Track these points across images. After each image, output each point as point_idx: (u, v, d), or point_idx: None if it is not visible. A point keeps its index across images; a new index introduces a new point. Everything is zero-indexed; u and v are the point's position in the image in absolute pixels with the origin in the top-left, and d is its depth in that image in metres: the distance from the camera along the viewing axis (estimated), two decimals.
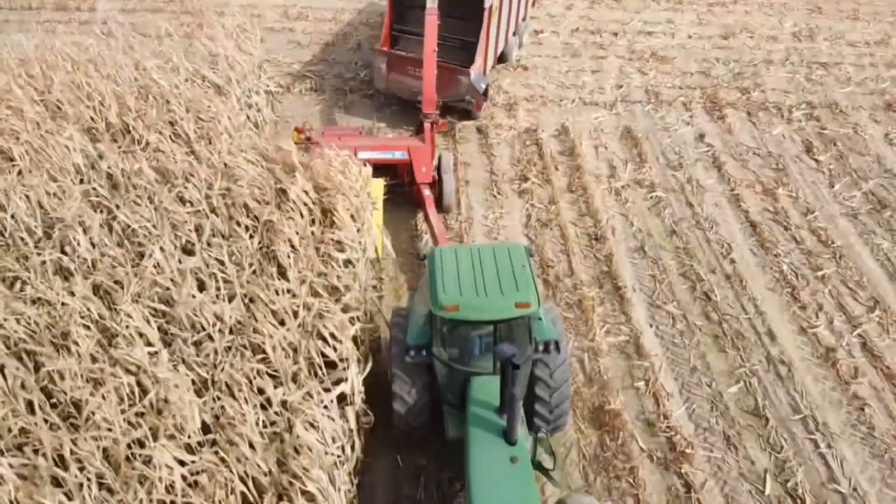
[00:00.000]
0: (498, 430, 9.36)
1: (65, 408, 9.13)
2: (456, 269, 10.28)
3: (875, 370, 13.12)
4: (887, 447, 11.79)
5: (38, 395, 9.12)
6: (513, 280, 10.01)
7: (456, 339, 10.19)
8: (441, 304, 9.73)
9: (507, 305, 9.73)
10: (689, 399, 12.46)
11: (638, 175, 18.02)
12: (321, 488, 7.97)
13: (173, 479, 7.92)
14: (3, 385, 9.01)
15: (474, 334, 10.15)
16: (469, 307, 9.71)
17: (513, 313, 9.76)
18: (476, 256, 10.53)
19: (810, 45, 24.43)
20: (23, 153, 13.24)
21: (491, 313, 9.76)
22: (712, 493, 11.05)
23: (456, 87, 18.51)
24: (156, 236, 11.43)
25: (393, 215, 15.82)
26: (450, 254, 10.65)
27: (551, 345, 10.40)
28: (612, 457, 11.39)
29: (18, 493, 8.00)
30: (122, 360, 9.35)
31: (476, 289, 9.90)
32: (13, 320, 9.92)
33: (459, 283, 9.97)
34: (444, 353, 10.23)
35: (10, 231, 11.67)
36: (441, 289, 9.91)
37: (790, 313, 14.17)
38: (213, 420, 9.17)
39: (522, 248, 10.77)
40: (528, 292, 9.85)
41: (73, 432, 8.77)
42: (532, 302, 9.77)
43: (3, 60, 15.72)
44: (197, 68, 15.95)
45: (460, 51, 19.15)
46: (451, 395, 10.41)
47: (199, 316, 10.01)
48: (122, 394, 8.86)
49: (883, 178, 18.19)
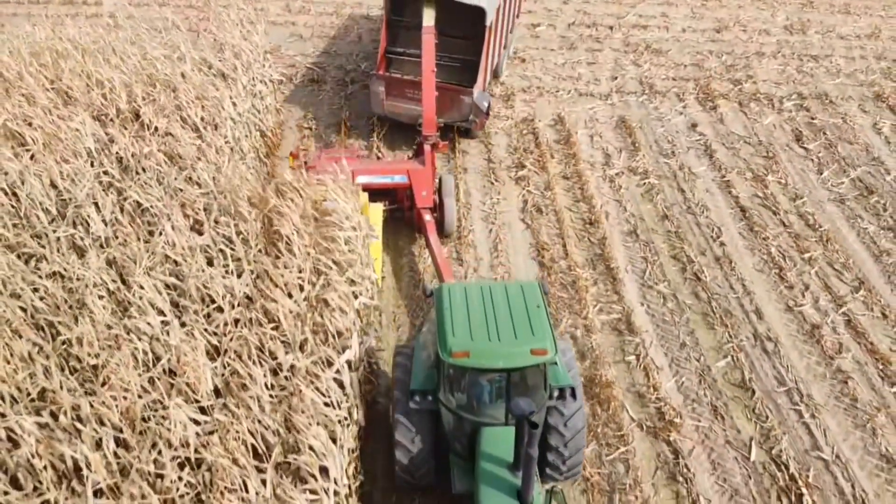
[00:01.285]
0: (510, 487, 8.69)
1: (82, 373, 9.61)
2: (466, 309, 9.52)
3: (859, 346, 13.62)
4: (870, 417, 12.28)
5: (56, 359, 9.59)
6: (527, 323, 9.27)
7: (465, 385, 9.41)
8: (450, 349, 8.99)
9: (521, 352, 9.00)
10: (678, 372, 12.95)
11: (632, 163, 18.50)
12: (323, 443, 8.42)
13: (188, 435, 8.38)
14: (22, 349, 9.47)
15: (485, 380, 9.37)
16: (480, 354, 8.96)
17: (528, 361, 9.02)
18: (487, 295, 9.78)
19: (802, 38, 24.93)
20: (35, 137, 13.72)
21: (505, 361, 9.01)
22: (699, 460, 11.54)
23: (459, 107, 17.84)
24: (166, 215, 11.89)
25: (392, 241, 15.54)
26: (458, 292, 9.89)
27: (567, 391, 9.72)
28: (603, 425, 11.88)
29: (39, 446, 8.49)
30: (135, 328, 9.83)
31: (488, 332, 9.14)
32: (30, 291, 10.40)
33: (470, 326, 9.21)
34: (451, 399, 9.52)
35: (26, 210, 12.13)
36: (450, 332, 9.15)
37: (777, 293, 14.67)
38: (224, 386, 9.65)
39: (536, 285, 10.05)
40: (545, 338, 9.10)
41: (90, 396, 9.24)
42: (549, 349, 9.04)
43: (14, 50, 16.17)
44: (204, 57, 16.41)
45: (460, 70, 18.59)
46: (458, 445, 9.72)
47: (210, 288, 10.46)
48: (138, 357, 9.32)
49: (870, 166, 18.68)
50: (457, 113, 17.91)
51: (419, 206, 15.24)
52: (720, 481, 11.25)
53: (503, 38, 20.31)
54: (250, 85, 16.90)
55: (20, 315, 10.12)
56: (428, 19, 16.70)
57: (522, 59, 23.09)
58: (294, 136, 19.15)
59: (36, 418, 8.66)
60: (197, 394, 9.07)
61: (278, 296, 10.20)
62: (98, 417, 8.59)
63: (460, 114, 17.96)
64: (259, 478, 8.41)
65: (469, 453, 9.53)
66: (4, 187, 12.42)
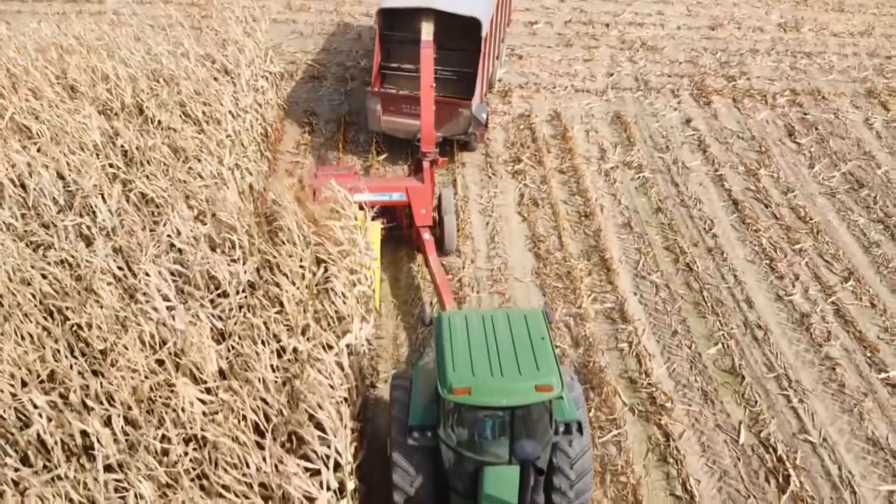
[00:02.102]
0: None
1: (91, 356, 9.95)
2: (467, 340, 9.06)
3: (847, 334, 13.94)
4: (857, 402, 12.61)
5: (65, 342, 9.93)
6: (532, 357, 8.80)
7: (466, 421, 8.95)
8: (451, 386, 8.52)
9: (526, 388, 8.51)
10: (669, 359, 13.28)
11: (626, 157, 18.84)
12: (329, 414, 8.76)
13: (194, 412, 8.71)
14: (32, 332, 9.81)
15: (487, 417, 8.89)
16: (482, 391, 8.49)
17: (533, 398, 8.54)
18: (489, 325, 9.32)
19: (795, 36, 25.26)
20: (42, 130, 14.07)
21: (508, 398, 8.53)
22: (690, 443, 11.87)
23: (458, 121, 17.59)
24: (170, 204, 12.23)
25: (390, 259, 15.30)
26: (459, 322, 9.43)
27: (573, 426, 9.24)
28: (596, 409, 12.21)
29: (50, 423, 8.82)
30: (142, 312, 10.17)
31: (490, 367, 8.68)
32: (40, 277, 10.73)
33: (471, 360, 8.77)
34: (452, 436, 9.04)
35: (34, 200, 12.46)
36: (450, 367, 8.70)
37: (768, 283, 15.00)
38: (229, 368, 9.99)
39: (540, 313, 9.61)
40: (551, 373, 8.64)
41: (99, 377, 9.58)
42: (555, 385, 8.54)
43: (21, 46, 16.51)
44: (207, 52, 16.75)
45: (455, 83, 18.35)
46: (460, 484, 9.22)
47: (216, 272, 10.80)
48: (145, 340, 9.66)
49: (861, 160, 19.01)
50: (455, 126, 17.73)
51: (418, 224, 14.99)
52: (710, 463, 11.58)
53: (496, 48, 20.24)
54: (252, 80, 17.23)
55: (30, 300, 10.45)
56: (426, 34, 16.36)
57: (520, 56, 23.43)
58: (295, 130, 19.48)
59: (46, 397, 8.99)
60: (203, 373, 9.40)
61: (283, 282, 10.52)
62: (108, 395, 8.92)
63: (459, 127, 17.79)
64: (260, 454, 8.73)
65: (471, 492, 9.04)
66: (13, 178, 12.76)
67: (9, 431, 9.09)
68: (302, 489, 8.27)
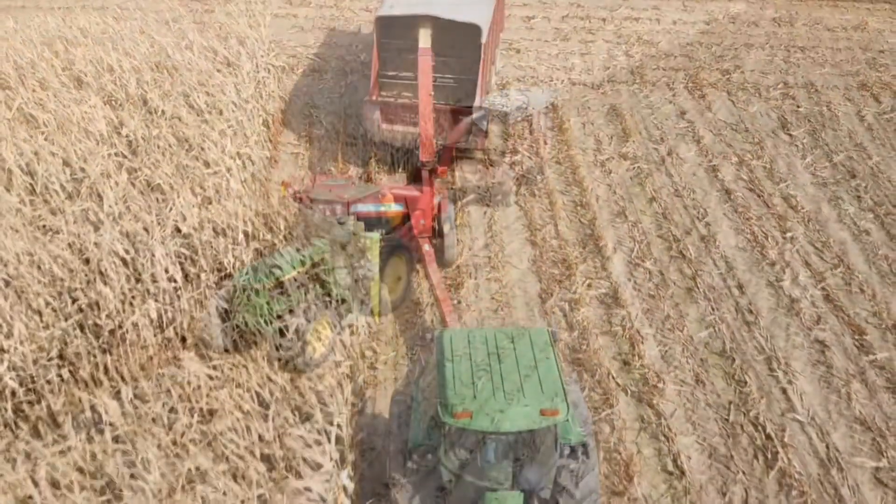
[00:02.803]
0: None
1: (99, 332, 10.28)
2: (469, 361, 8.75)
3: (836, 318, 14.27)
4: (844, 383, 12.94)
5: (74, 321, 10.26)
6: (536, 379, 8.49)
7: (467, 443, 8.62)
8: (452, 409, 8.21)
9: (530, 412, 8.22)
10: (662, 342, 13.61)
11: (622, 149, 19.15)
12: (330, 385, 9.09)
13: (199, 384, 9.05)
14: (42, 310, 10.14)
15: (490, 440, 8.57)
16: (485, 415, 8.17)
17: (537, 423, 8.23)
18: (492, 344, 9.03)
19: (789, 30, 25.57)
20: (48, 120, 14.39)
21: (511, 423, 8.21)
22: (681, 421, 12.20)
23: (459, 128, 17.23)
24: (176, 190, 12.56)
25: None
26: (461, 340, 9.13)
27: (578, 449, 8.99)
28: (590, 389, 12.54)
29: (60, 398, 9.16)
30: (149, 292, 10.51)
31: (493, 389, 8.35)
32: (50, 259, 11.05)
33: (473, 381, 8.46)
34: (453, 459, 8.73)
35: (43, 185, 12.78)
36: (451, 389, 8.38)
37: (759, 269, 15.33)
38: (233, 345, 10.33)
39: (546, 332, 9.32)
40: (556, 396, 8.34)
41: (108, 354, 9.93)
42: (561, 409, 8.25)
43: (27, 39, 16.83)
44: (210, 45, 17.07)
45: (454, 90, 18.01)
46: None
47: (221, 255, 11.13)
48: (152, 317, 9.99)
49: (853, 151, 19.32)
50: (456, 133, 17.34)
51: (418, 234, 14.69)
52: (700, 440, 11.92)
53: (493, 54, 20.11)
54: (254, 72, 17.54)
55: (40, 281, 10.78)
56: (424, 41, 16.25)
57: (517, 50, 23.75)
58: (296, 121, 19.80)
59: (58, 371, 9.33)
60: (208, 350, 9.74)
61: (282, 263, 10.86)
62: (117, 370, 9.25)
63: (460, 134, 17.37)
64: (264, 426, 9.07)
65: None
66: (22, 165, 13.08)
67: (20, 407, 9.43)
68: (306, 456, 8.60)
